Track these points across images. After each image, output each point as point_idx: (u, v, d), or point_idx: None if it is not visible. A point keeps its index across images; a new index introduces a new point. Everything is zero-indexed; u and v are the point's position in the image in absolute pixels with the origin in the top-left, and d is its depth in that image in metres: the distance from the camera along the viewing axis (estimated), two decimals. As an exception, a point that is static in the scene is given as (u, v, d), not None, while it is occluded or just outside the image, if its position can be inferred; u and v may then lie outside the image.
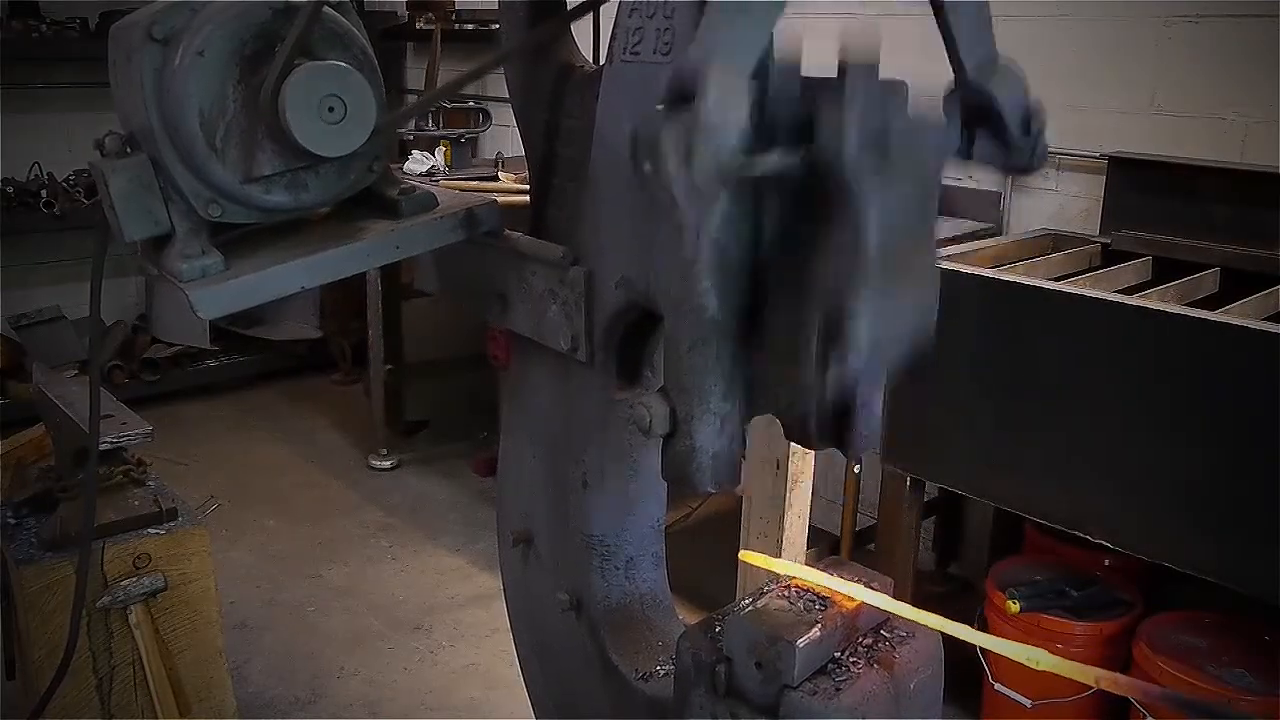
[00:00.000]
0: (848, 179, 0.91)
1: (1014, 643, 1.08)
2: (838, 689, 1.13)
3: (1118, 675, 1.00)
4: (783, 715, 1.12)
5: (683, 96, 0.87)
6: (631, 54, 1.18)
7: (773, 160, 0.92)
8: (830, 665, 1.17)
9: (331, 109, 1.27)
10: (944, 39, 1.05)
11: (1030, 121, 1.08)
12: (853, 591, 1.20)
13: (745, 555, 1.32)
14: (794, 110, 0.96)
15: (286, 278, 1.34)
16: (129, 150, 1.33)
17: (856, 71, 0.94)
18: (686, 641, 1.23)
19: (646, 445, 1.41)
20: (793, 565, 1.25)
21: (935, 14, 1.03)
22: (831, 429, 1.13)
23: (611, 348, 1.33)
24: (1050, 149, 1.14)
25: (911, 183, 0.95)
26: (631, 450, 1.43)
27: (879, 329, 0.96)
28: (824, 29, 1.01)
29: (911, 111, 0.95)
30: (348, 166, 1.40)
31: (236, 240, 1.41)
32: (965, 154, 1.10)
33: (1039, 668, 1.05)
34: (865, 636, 1.22)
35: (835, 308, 0.96)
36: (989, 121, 1.08)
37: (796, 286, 1.01)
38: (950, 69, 1.07)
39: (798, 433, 1.16)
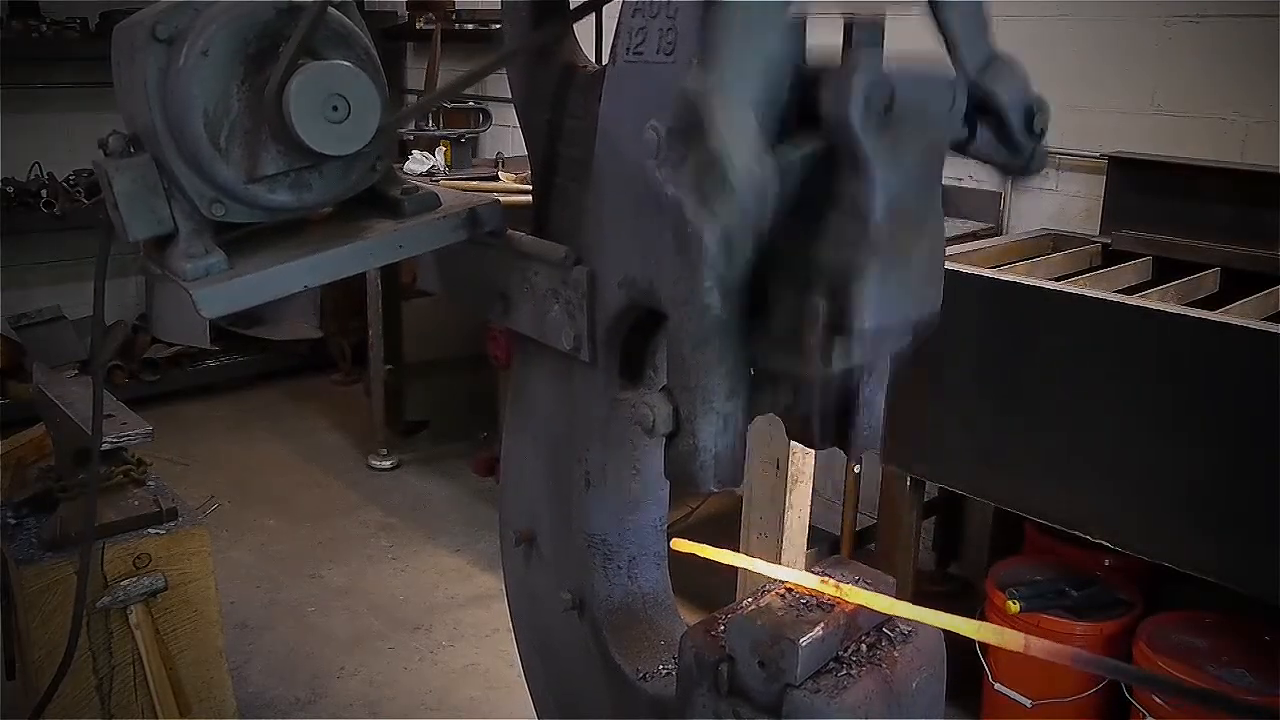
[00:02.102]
0: (852, 143, 0.89)
1: (940, 613, 1.11)
2: (840, 688, 1.13)
3: (1046, 641, 1.02)
4: (785, 714, 1.12)
5: (691, 128, 0.87)
6: (635, 54, 1.18)
7: (786, 160, 0.92)
8: (832, 664, 1.17)
9: (335, 108, 1.27)
10: (942, 39, 1.05)
11: (1034, 119, 1.08)
12: (773, 572, 1.21)
13: (677, 543, 1.33)
14: (802, 96, 0.95)
15: (289, 277, 1.35)
16: (132, 150, 1.33)
17: (861, 33, 0.93)
18: (689, 640, 1.23)
19: (649, 445, 1.41)
20: (727, 553, 1.26)
21: (932, 13, 1.02)
22: (834, 427, 1.14)
23: (614, 347, 1.34)
24: (1050, 149, 1.14)
25: (918, 147, 0.93)
26: (634, 450, 1.43)
27: (885, 303, 0.94)
28: (825, 25, 1.01)
29: (917, 71, 0.94)
30: (351, 166, 1.40)
31: (239, 239, 1.41)
32: (966, 145, 1.09)
33: (966, 634, 1.08)
34: (867, 635, 1.23)
35: (840, 282, 0.94)
36: (991, 119, 1.07)
37: (800, 271, 0.99)
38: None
39: (800, 432, 1.16)
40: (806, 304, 0.98)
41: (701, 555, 1.26)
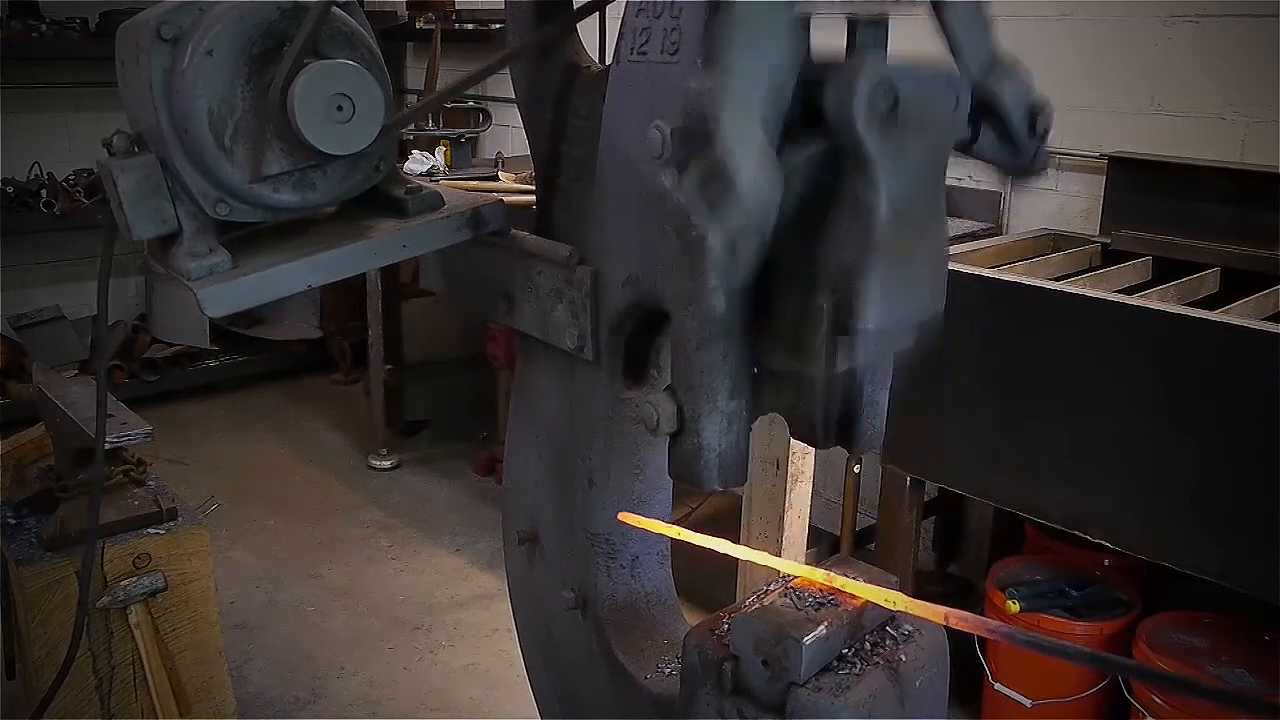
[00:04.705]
0: (856, 144, 0.90)
1: (869, 585, 1.16)
2: (844, 686, 1.14)
3: (965, 613, 1.06)
4: (789, 713, 1.12)
5: (698, 132, 0.87)
6: (639, 54, 1.18)
7: (791, 164, 0.92)
8: (836, 663, 1.17)
9: (340, 108, 1.27)
10: (945, 41, 1.05)
11: (1036, 120, 1.08)
12: (729, 549, 1.23)
13: (624, 516, 1.34)
14: (806, 96, 0.95)
15: (293, 276, 1.35)
16: (137, 150, 1.33)
17: (865, 34, 0.93)
18: (693, 639, 1.23)
19: (651, 444, 1.41)
20: (670, 527, 1.27)
21: (935, 15, 1.03)
22: (837, 427, 1.14)
23: (618, 347, 1.34)
24: (1050, 149, 1.14)
25: (922, 147, 0.94)
26: (637, 449, 1.43)
27: (889, 303, 0.94)
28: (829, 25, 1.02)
29: (921, 71, 0.94)
30: (355, 166, 1.40)
31: (243, 239, 1.41)
32: (969, 145, 1.09)
33: (896, 608, 1.13)
34: (871, 634, 1.23)
35: (844, 283, 0.94)
36: (994, 119, 1.07)
37: (804, 271, 0.99)
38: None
39: (803, 432, 1.16)
40: (810, 304, 0.99)
41: (654, 530, 1.28)
